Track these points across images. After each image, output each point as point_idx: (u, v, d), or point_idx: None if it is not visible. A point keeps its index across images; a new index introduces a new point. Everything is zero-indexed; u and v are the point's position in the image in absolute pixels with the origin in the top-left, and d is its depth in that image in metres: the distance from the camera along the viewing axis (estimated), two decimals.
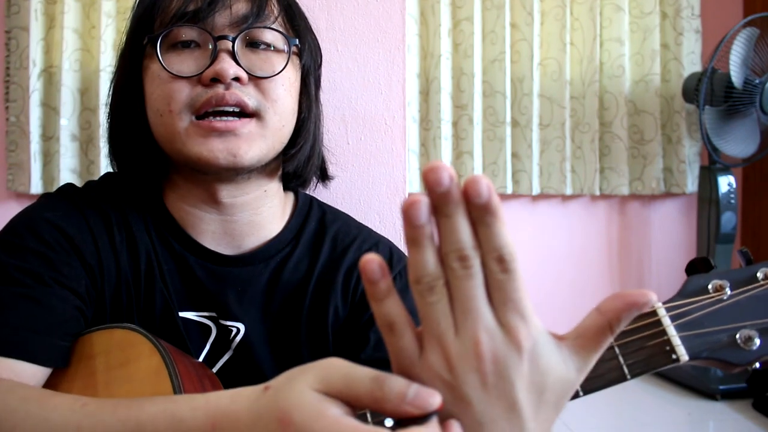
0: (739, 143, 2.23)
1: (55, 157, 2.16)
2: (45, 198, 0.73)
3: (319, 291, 0.76)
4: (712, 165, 2.30)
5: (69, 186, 0.75)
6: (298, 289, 0.76)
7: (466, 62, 2.39)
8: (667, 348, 0.51)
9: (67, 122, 2.17)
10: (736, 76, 2.11)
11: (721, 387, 2.09)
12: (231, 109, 0.67)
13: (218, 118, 0.67)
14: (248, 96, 0.67)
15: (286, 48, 0.71)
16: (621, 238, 2.58)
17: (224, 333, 0.73)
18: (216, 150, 0.66)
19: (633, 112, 2.47)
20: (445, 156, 2.39)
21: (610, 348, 0.51)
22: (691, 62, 2.45)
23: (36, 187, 2.16)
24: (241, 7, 0.68)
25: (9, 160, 2.20)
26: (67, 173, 2.18)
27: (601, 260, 2.56)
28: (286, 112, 0.71)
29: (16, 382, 0.57)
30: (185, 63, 0.68)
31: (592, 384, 0.50)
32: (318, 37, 0.80)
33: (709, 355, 0.51)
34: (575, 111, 2.46)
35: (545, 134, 2.45)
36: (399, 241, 0.98)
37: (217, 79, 0.66)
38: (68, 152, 2.18)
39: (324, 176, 0.85)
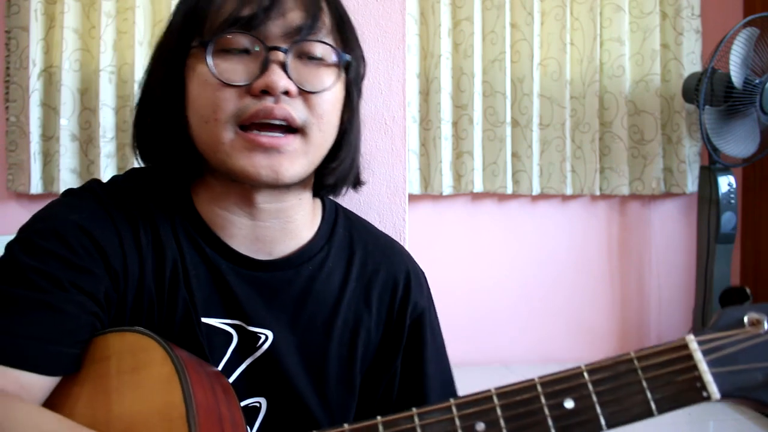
0: (739, 143, 2.23)
1: (55, 157, 2.16)
2: (70, 196, 0.71)
3: (352, 312, 0.76)
4: (712, 165, 2.30)
5: (95, 183, 0.73)
6: (330, 301, 0.75)
7: (466, 62, 2.39)
8: (698, 384, 0.49)
9: (67, 122, 2.17)
10: (736, 76, 2.11)
11: None
12: (278, 123, 0.65)
13: (264, 133, 0.65)
14: (296, 110, 0.66)
15: (336, 62, 0.69)
16: (621, 238, 2.58)
17: (251, 340, 0.71)
18: (259, 166, 0.65)
19: (633, 112, 2.47)
20: (445, 156, 2.39)
21: (637, 381, 0.49)
22: (691, 62, 2.45)
23: (36, 187, 2.16)
24: (295, 17, 0.66)
25: (9, 159, 2.20)
26: (67, 173, 2.17)
27: (601, 260, 2.56)
28: (329, 128, 0.70)
29: (12, 397, 0.57)
30: (235, 71, 0.65)
31: (616, 418, 0.49)
32: None
33: (742, 395, 0.49)
34: (575, 111, 2.46)
35: (545, 134, 2.45)
36: (399, 240, 0.98)
37: (266, 91, 0.64)
38: (68, 152, 2.18)
39: (356, 183, 0.84)
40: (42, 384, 0.60)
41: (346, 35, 0.72)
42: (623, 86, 2.43)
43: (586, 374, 0.51)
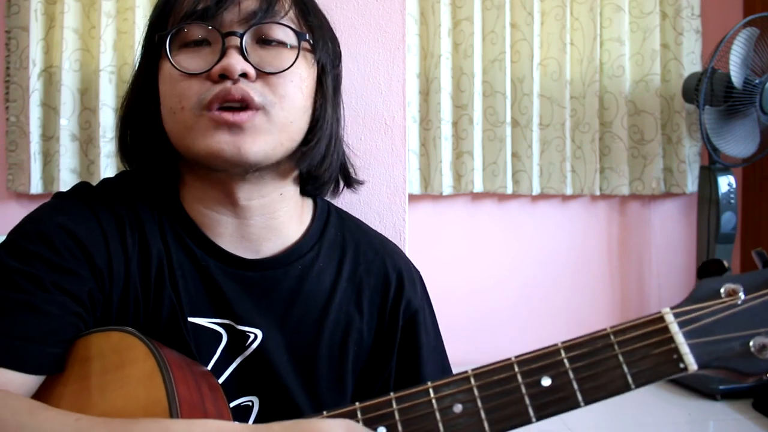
0: (739, 143, 2.23)
1: (55, 157, 2.16)
2: (59, 198, 0.72)
3: (343, 312, 0.76)
4: (712, 165, 2.30)
5: (84, 185, 0.74)
6: (320, 301, 0.75)
7: (466, 62, 2.39)
8: (675, 356, 0.49)
9: (67, 122, 2.17)
10: (736, 76, 2.11)
11: (721, 387, 2.09)
12: (237, 105, 0.66)
13: (226, 112, 0.67)
14: (254, 91, 0.67)
15: (296, 44, 0.70)
16: (621, 238, 2.58)
17: (240, 339, 0.72)
18: (222, 142, 0.66)
19: (633, 112, 2.47)
20: (445, 156, 2.39)
21: (614, 356, 0.49)
22: (691, 62, 2.45)
23: (36, 187, 2.16)
24: (250, 4, 0.68)
25: (9, 160, 2.20)
26: (67, 173, 2.17)
27: (601, 260, 2.56)
28: (295, 108, 0.70)
29: (7, 392, 0.57)
30: (195, 60, 0.67)
31: (594, 394, 0.49)
32: None
33: (719, 365, 0.49)
34: (575, 111, 2.46)
35: (545, 134, 2.45)
36: (399, 240, 0.98)
37: (225, 75, 0.66)
38: (68, 152, 2.18)
39: (348, 180, 0.83)
40: (23, 382, 0.60)
41: (309, 19, 0.73)
42: (623, 86, 2.43)
43: (562, 351, 0.51)
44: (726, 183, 2.27)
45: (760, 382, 0.50)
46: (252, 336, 0.72)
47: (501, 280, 2.50)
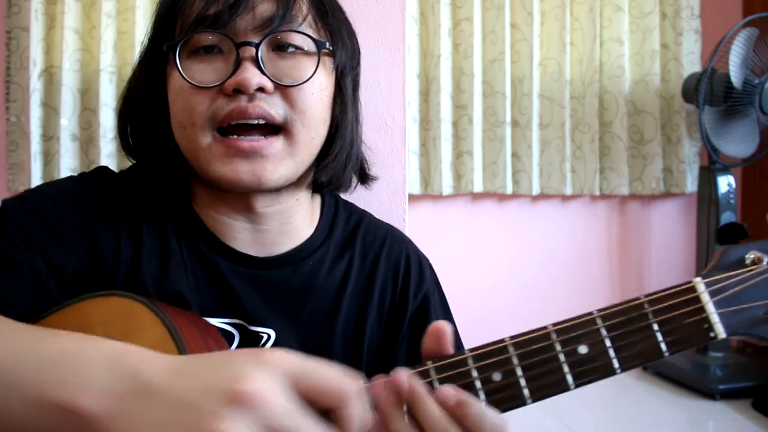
0: (738, 143, 2.23)
1: (56, 157, 2.16)
2: (82, 175, 0.71)
3: (355, 304, 0.75)
4: (711, 165, 2.30)
5: (104, 169, 0.72)
6: (331, 296, 0.74)
7: (466, 62, 2.39)
8: (705, 326, 0.50)
9: (68, 122, 2.18)
10: (736, 76, 2.11)
11: (720, 387, 2.09)
12: (255, 122, 0.63)
13: (243, 137, 0.64)
14: (274, 107, 0.64)
15: (315, 50, 0.66)
16: (621, 238, 2.58)
17: (253, 339, 0.70)
18: (240, 171, 0.63)
19: (633, 112, 2.47)
20: (445, 156, 2.39)
21: (648, 325, 0.51)
22: (691, 62, 2.45)
23: None
24: (265, 9, 0.63)
25: (9, 160, 2.20)
26: (67, 173, 2.17)
27: (601, 260, 2.56)
28: (315, 123, 0.67)
29: None
30: (206, 72, 0.63)
31: (629, 362, 0.50)
32: None
33: (745, 332, 0.51)
34: (575, 111, 2.46)
35: (545, 134, 2.46)
36: None
37: (239, 90, 0.62)
38: (68, 152, 2.18)
39: (364, 177, 0.81)
40: None
41: (329, 23, 0.69)
42: (623, 86, 2.43)
43: (598, 320, 0.52)
44: (726, 183, 2.27)
45: None
46: (265, 337, 0.71)
47: (501, 280, 2.50)
